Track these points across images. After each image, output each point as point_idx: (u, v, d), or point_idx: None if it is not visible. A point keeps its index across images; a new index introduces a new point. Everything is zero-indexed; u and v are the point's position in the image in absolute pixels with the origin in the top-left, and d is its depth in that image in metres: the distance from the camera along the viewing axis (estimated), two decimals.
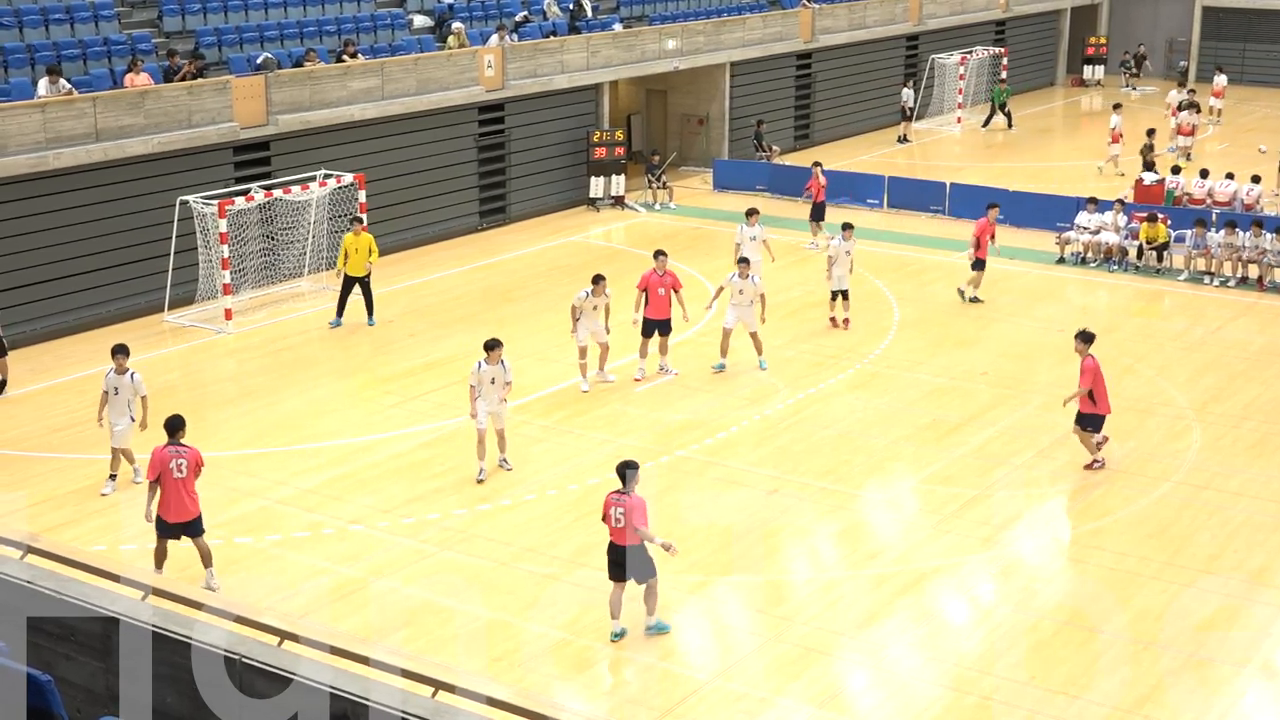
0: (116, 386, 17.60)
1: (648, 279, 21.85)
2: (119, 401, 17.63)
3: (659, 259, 22.07)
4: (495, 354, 18.00)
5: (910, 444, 19.73)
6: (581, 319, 21.21)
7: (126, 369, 17.66)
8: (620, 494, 14.18)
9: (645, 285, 21.84)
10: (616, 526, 14.14)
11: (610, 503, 14.22)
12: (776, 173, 36.28)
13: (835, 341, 24.01)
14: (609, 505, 14.22)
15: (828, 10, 42.15)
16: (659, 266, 21.91)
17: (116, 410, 17.65)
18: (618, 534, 14.16)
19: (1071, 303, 26.69)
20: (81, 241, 24.49)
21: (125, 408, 17.67)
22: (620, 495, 14.17)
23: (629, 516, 14.03)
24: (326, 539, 16.77)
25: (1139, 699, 13.41)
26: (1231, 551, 16.54)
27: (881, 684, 13.84)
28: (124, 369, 17.62)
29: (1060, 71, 54.51)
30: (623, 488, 14.20)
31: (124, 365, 17.64)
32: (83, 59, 26.31)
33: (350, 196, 27.16)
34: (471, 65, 31.38)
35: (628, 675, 14.02)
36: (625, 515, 14.03)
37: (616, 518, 14.11)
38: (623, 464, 14.37)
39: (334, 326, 24.84)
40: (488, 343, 18.25)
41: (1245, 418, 20.72)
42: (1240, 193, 31.71)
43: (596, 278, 21.40)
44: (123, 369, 17.61)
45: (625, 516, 14.03)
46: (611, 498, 14.23)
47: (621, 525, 14.08)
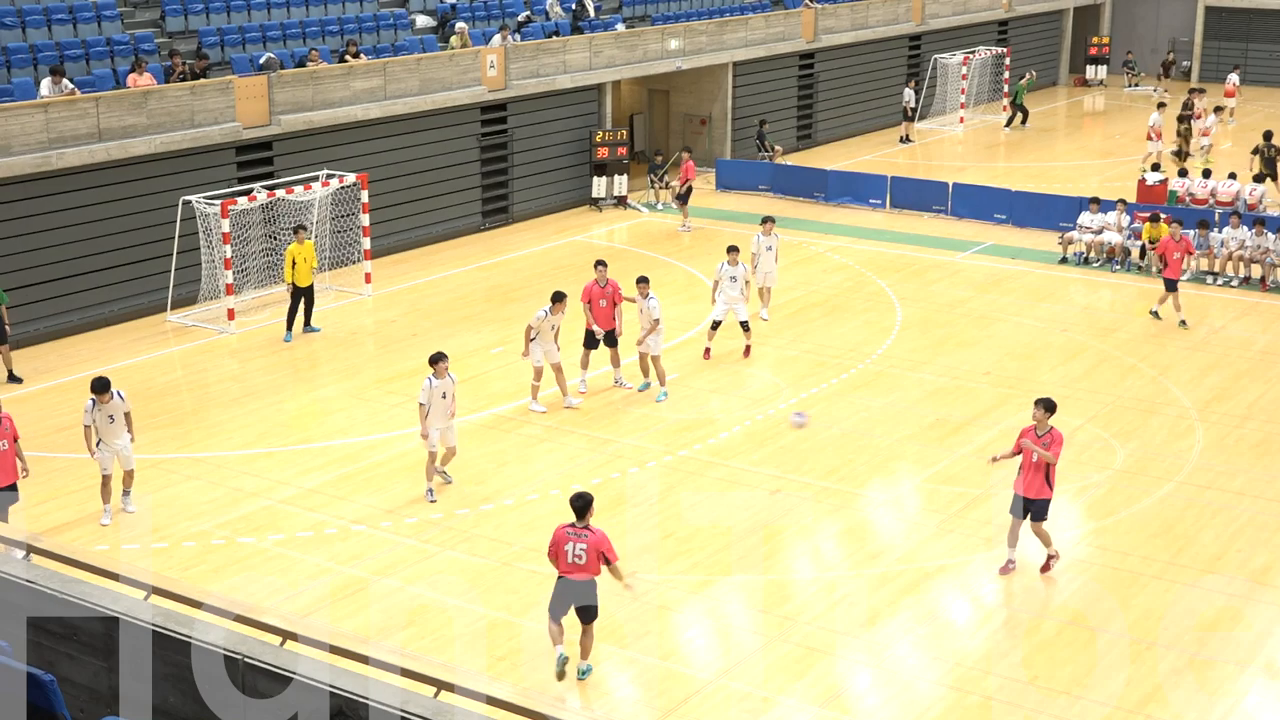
0: (111, 414, 16.74)
1: (589, 290, 21.22)
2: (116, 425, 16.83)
3: (599, 269, 21.40)
4: (442, 367, 17.39)
5: (913, 444, 19.72)
6: (536, 339, 20.27)
7: (111, 395, 16.72)
8: (578, 528, 13.19)
9: (588, 298, 21.21)
10: (575, 564, 13.15)
11: (565, 538, 13.18)
12: (779, 173, 36.29)
13: (838, 341, 24.00)
14: (563, 541, 13.19)
15: (830, 10, 42.14)
16: (599, 277, 21.23)
17: (114, 432, 16.85)
18: (573, 570, 13.16)
19: (1074, 302, 26.69)
20: (84, 241, 24.51)
21: (122, 428, 16.92)
22: (579, 530, 13.17)
23: (596, 551, 13.11)
24: (329, 539, 16.78)
25: (1141, 699, 13.40)
26: (1235, 551, 16.53)
27: (884, 684, 13.83)
28: (108, 398, 16.68)
29: (1063, 71, 54.50)
30: (578, 521, 13.21)
31: (107, 397, 16.66)
32: (86, 59, 26.33)
33: (353, 196, 27.17)
34: (474, 65, 31.39)
35: (630, 675, 14.02)
36: (588, 551, 13.11)
37: (576, 554, 13.12)
38: (580, 496, 13.37)
39: (287, 342, 24.10)
40: (433, 357, 17.58)
41: (1248, 417, 20.71)
42: (1243, 193, 31.68)
43: (557, 295, 20.42)
44: (107, 399, 16.67)
45: (588, 553, 13.11)
46: (567, 532, 13.20)
47: (583, 562, 13.13)
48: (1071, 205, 31.28)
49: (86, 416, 16.73)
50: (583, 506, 13.25)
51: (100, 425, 16.70)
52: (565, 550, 13.17)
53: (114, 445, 16.83)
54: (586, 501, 13.30)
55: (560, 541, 13.22)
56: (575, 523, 13.23)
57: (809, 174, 36.00)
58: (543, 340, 20.37)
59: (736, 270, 22.36)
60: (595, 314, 21.19)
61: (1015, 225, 32.25)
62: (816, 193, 35.10)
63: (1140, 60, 54.23)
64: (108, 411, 16.71)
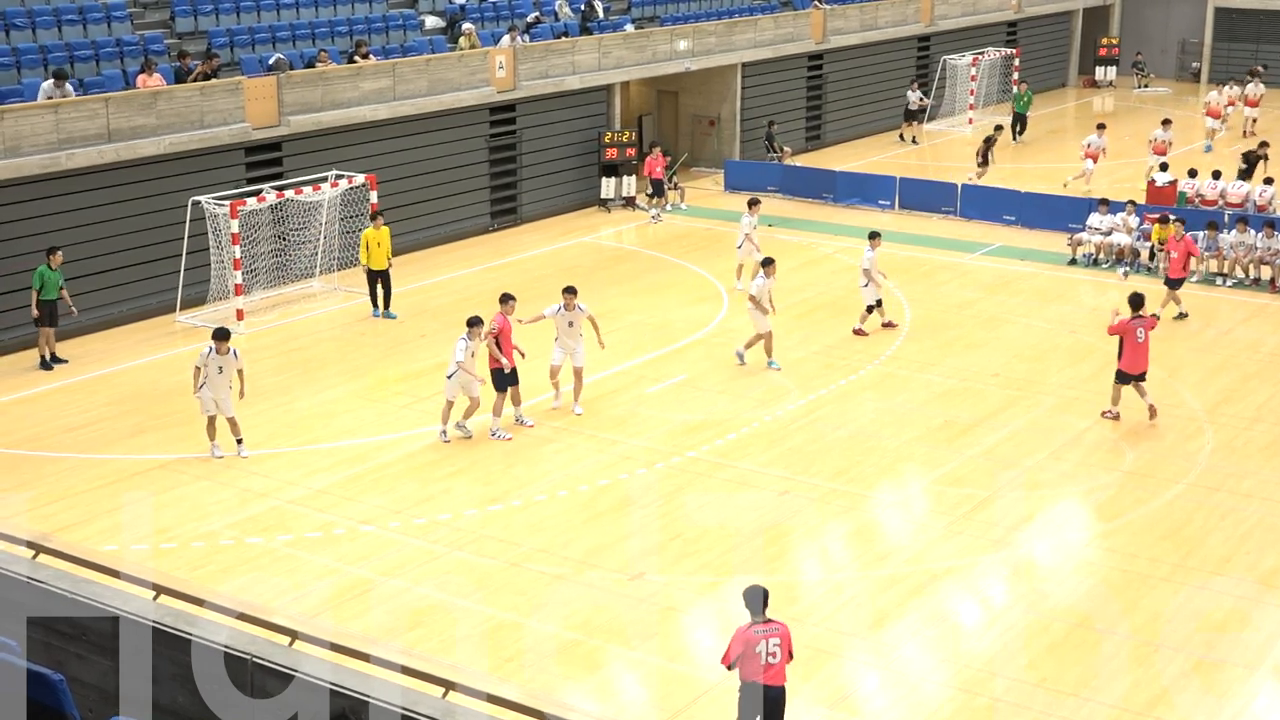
0: (221, 366, 18.70)
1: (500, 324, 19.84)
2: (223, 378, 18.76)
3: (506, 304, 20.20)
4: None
5: (922, 445, 19.71)
6: (559, 337, 20.42)
7: (229, 349, 18.77)
8: (765, 623, 11.40)
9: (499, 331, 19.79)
10: (770, 664, 11.34)
11: (753, 639, 11.31)
12: (788, 174, 36.27)
13: (847, 343, 23.98)
14: (752, 641, 11.31)
15: (839, 11, 42.12)
16: (507, 310, 20.06)
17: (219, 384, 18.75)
18: (772, 673, 11.37)
19: (1083, 304, 26.64)
20: (94, 242, 24.56)
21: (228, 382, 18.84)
22: (767, 625, 11.40)
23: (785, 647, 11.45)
24: (338, 539, 16.79)
25: (1150, 701, 13.38)
26: (1243, 554, 16.49)
27: (892, 685, 13.82)
28: (225, 350, 18.72)
29: (1072, 73, 54.41)
30: (761, 615, 11.42)
31: (225, 347, 18.72)
32: (95, 60, 26.37)
33: (362, 197, 27.19)
34: (483, 66, 31.41)
35: (638, 677, 14.02)
36: (780, 647, 11.38)
37: (770, 652, 11.31)
38: (757, 590, 11.51)
39: (375, 316, 25.55)
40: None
41: (1258, 419, 20.67)
42: (1253, 194, 31.62)
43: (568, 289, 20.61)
44: (224, 350, 18.70)
45: (780, 649, 11.38)
46: (754, 633, 11.34)
47: (776, 661, 11.35)
48: (1080, 207, 31.24)
49: (200, 359, 18.82)
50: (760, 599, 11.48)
51: (209, 373, 18.68)
52: (759, 651, 11.29)
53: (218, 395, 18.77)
54: (760, 593, 11.51)
55: (751, 642, 11.31)
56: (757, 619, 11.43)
57: (817, 175, 35.98)
58: (565, 336, 20.47)
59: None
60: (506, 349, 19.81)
61: (1024, 227, 32.22)
62: (825, 194, 35.08)
63: (1150, 61, 54.14)
64: (218, 363, 18.65)
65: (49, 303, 22.56)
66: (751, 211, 26.85)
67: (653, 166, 33.40)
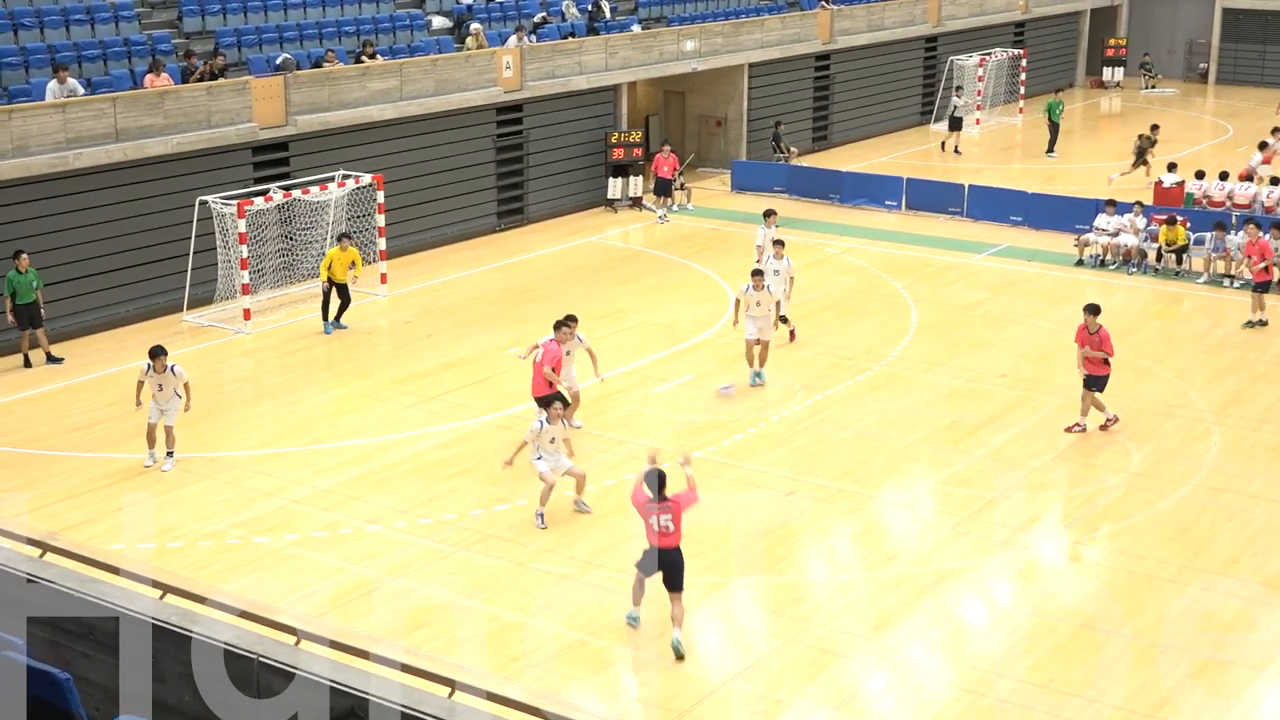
0: (160, 383, 18.48)
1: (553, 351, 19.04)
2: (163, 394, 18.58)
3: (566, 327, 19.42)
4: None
5: (928, 446, 19.69)
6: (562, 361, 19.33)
7: (165, 366, 18.52)
8: (661, 502, 13.88)
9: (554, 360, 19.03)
10: (666, 532, 13.88)
11: (648, 513, 13.93)
12: (795, 174, 36.26)
13: (853, 343, 23.97)
14: (648, 514, 13.95)
15: (846, 11, 42.09)
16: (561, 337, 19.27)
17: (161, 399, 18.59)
18: (667, 540, 13.91)
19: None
20: (101, 241, 24.59)
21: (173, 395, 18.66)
22: (662, 503, 13.87)
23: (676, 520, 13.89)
24: (344, 539, 16.80)
25: (1156, 702, 13.36)
26: (1250, 555, 16.47)
27: (897, 686, 13.81)
28: (162, 368, 18.48)
29: (1080, 73, 54.36)
30: (657, 495, 13.89)
31: (162, 365, 18.48)
32: (103, 59, 26.41)
33: (369, 197, 27.21)
34: (490, 66, 31.42)
35: (644, 676, 14.01)
36: (673, 521, 13.86)
37: (664, 526, 13.86)
38: (653, 473, 13.99)
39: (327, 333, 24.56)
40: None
41: (1265, 421, 20.63)
42: (1260, 195, 31.57)
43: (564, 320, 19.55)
44: (162, 368, 18.48)
45: (673, 522, 13.86)
46: (649, 508, 13.93)
47: (672, 531, 13.87)
48: (1087, 207, 31.19)
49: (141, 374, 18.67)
50: (658, 480, 13.86)
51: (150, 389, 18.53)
52: (652, 523, 13.87)
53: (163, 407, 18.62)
54: (657, 476, 13.90)
55: (646, 515, 13.93)
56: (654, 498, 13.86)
57: (824, 175, 35.97)
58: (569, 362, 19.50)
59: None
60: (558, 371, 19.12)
61: (1031, 227, 32.18)
62: (832, 194, 35.06)
63: (1157, 62, 54.08)
64: (156, 381, 18.47)
65: (26, 306, 22.46)
66: (768, 223, 25.42)
67: (661, 165, 33.38)
